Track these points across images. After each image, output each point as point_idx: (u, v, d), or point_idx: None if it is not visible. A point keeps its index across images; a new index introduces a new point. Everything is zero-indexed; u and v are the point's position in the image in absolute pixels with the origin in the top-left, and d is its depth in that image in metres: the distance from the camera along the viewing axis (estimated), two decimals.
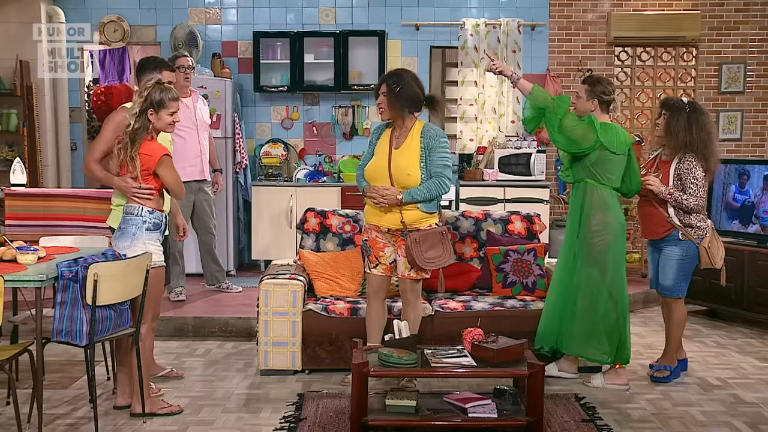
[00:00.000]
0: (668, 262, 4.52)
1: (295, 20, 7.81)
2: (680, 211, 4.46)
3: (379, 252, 4.25)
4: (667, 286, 4.54)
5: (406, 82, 4.11)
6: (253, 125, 7.92)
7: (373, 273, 4.30)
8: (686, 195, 4.41)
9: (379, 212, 4.15)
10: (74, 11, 7.75)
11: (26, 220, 5.60)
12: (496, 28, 7.61)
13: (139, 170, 3.78)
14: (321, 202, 6.42)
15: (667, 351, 4.63)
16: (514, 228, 5.27)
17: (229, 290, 6.44)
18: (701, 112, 4.50)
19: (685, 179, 4.43)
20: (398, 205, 4.06)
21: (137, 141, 3.79)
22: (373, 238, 4.26)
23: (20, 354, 3.65)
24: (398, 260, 4.22)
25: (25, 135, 7.35)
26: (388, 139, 4.20)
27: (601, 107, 4.37)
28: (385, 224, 4.16)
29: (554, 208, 7.77)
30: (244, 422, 3.90)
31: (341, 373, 4.55)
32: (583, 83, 4.45)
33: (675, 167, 4.47)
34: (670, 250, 4.51)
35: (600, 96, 4.35)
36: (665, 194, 4.43)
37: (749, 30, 7.71)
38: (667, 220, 4.48)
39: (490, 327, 4.24)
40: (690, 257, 4.49)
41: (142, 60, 4.43)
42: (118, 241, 3.83)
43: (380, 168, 4.15)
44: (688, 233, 4.44)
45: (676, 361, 4.63)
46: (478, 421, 3.66)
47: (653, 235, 4.60)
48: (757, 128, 7.81)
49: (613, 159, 4.31)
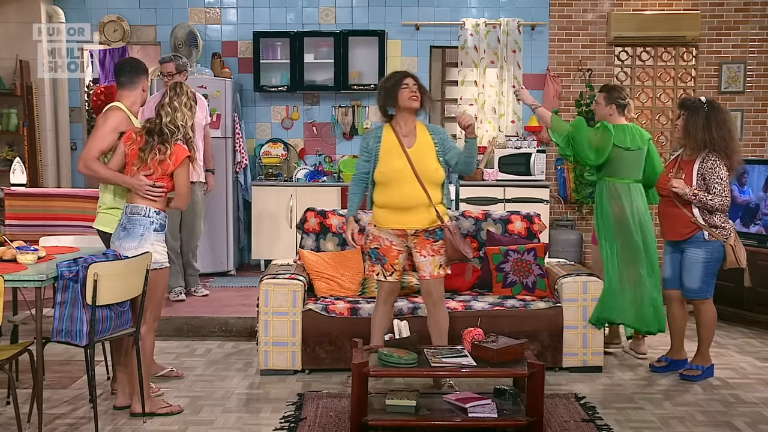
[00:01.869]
0: (694, 264, 4.52)
1: (295, 20, 7.81)
2: (705, 212, 4.46)
3: (394, 260, 4.19)
4: (695, 288, 4.55)
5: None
6: (253, 125, 7.92)
7: (388, 281, 4.23)
8: (711, 195, 4.41)
9: (406, 214, 4.07)
10: (74, 11, 7.75)
11: (26, 220, 5.61)
12: (496, 28, 7.61)
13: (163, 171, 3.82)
14: (321, 202, 6.42)
15: (700, 351, 4.64)
16: (514, 228, 5.27)
17: (195, 293, 6.28)
18: (720, 110, 4.51)
19: (709, 179, 4.43)
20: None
21: (173, 144, 3.84)
22: (387, 246, 4.16)
23: (20, 354, 3.65)
24: (423, 261, 4.15)
25: (25, 135, 7.35)
26: (395, 141, 4.11)
27: (618, 111, 4.74)
28: (414, 225, 4.09)
29: (554, 208, 7.77)
30: (244, 422, 3.90)
31: (341, 373, 4.55)
32: (600, 92, 4.85)
33: (698, 167, 4.47)
34: (694, 252, 4.51)
35: (617, 101, 4.74)
36: (690, 195, 4.42)
37: (749, 30, 7.71)
38: (691, 221, 4.47)
39: (490, 327, 4.26)
40: (715, 258, 4.50)
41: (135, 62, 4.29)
42: (124, 241, 3.81)
43: (402, 168, 4.05)
44: (714, 233, 4.44)
45: (709, 361, 4.65)
46: (478, 421, 3.65)
47: (677, 236, 4.58)
48: (757, 128, 7.81)
49: (629, 155, 4.65)
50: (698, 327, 4.66)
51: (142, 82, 4.14)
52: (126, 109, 4.06)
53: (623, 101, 4.74)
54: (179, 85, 4.00)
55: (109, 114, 4.03)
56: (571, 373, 4.68)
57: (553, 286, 4.87)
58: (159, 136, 3.84)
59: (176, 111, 3.89)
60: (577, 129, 4.72)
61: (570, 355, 4.70)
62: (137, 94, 4.13)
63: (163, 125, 3.86)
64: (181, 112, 3.91)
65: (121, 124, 3.98)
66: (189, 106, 3.96)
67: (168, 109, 3.89)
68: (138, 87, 4.13)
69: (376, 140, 4.17)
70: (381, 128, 4.21)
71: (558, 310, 4.71)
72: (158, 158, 3.82)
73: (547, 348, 4.67)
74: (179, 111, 3.90)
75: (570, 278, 4.74)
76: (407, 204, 4.07)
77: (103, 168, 3.94)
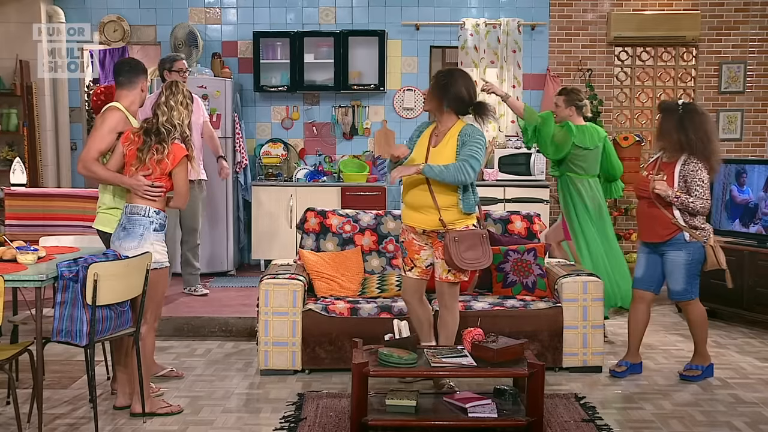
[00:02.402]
0: (676, 267, 4.50)
1: (295, 20, 7.82)
2: (685, 213, 4.46)
3: (415, 255, 4.19)
4: (679, 290, 4.54)
5: (455, 80, 4.08)
6: (253, 125, 7.92)
7: (408, 276, 4.24)
8: (692, 198, 4.40)
9: (416, 213, 4.10)
10: (74, 11, 7.75)
11: (26, 220, 5.61)
12: (496, 28, 7.61)
13: (162, 170, 3.81)
14: (321, 202, 6.43)
15: (698, 351, 4.63)
16: (514, 228, 5.28)
17: (195, 293, 6.29)
18: (697, 113, 4.48)
19: (691, 181, 4.42)
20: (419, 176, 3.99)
21: (170, 142, 3.83)
22: (409, 240, 4.20)
23: (20, 354, 3.65)
24: (436, 263, 4.16)
25: (25, 135, 7.35)
26: (428, 137, 4.16)
27: (577, 112, 5.35)
28: (421, 225, 4.10)
29: (554, 208, 7.76)
30: (244, 422, 3.90)
31: (341, 373, 4.55)
32: (559, 95, 5.41)
33: (680, 169, 4.46)
34: (676, 255, 4.49)
35: (575, 103, 5.33)
36: (672, 198, 4.42)
37: (749, 30, 7.71)
38: (672, 222, 4.46)
39: (490, 327, 4.25)
40: (696, 259, 4.49)
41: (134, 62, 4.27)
42: (123, 241, 3.81)
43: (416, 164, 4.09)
44: (694, 234, 4.44)
45: (708, 360, 4.64)
46: (478, 421, 3.65)
47: (656, 237, 4.55)
48: (757, 128, 7.81)
49: (589, 154, 5.30)
50: (691, 328, 4.66)
51: (140, 82, 4.13)
52: (124, 109, 4.06)
53: (581, 103, 5.35)
54: (175, 84, 3.99)
55: (107, 114, 4.02)
56: (571, 373, 4.68)
57: (553, 286, 4.87)
58: (156, 136, 3.83)
59: (172, 110, 3.89)
60: (545, 122, 5.27)
61: (570, 355, 4.70)
62: (136, 94, 4.12)
63: (160, 124, 3.85)
64: (178, 111, 3.90)
65: (119, 124, 3.98)
66: (185, 105, 3.95)
67: (164, 108, 3.89)
68: (137, 87, 4.12)
69: (417, 134, 4.26)
70: (428, 124, 4.28)
71: (558, 310, 4.71)
72: (156, 158, 3.82)
73: (547, 348, 4.67)
74: (175, 110, 3.90)
75: (570, 278, 4.74)
76: (415, 203, 4.09)
77: (102, 169, 3.93)
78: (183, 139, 3.92)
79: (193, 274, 6.34)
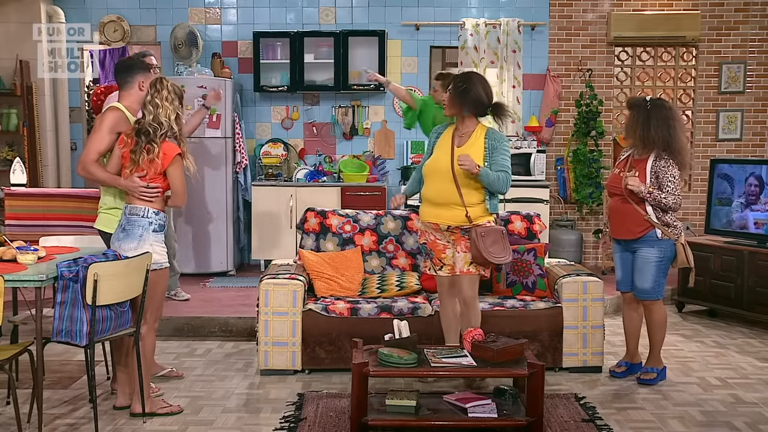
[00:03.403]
0: (646, 264, 4.47)
1: (295, 20, 7.81)
2: (658, 210, 4.45)
3: (441, 254, 4.26)
4: (647, 288, 4.50)
5: (473, 83, 4.16)
6: (253, 125, 7.92)
7: (440, 275, 4.32)
8: (664, 193, 4.39)
9: (440, 209, 4.17)
10: (74, 11, 7.75)
11: (26, 220, 5.60)
12: (496, 28, 7.61)
13: (155, 170, 3.79)
14: (321, 202, 6.43)
15: (652, 353, 4.60)
16: (514, 228, 5.27)
17: (176, 297, 6.17)
18: (664, 108, 4.46)
19: (662, 177, 4.41)
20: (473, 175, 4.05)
21: (161, 142, 3.81)
22: (432, 241, 4.27)
23: (20, 354, 3.65)
24: (457, 256, 4.21)
25: (25, 135, 7.35)
26: (450, 138, 4.23)
27: None
28: (446, 221, 4.16)
29: (554, 208, 7.77)
30: (244, 422, 3.90)
31: (341, 373, 4.55)
32: (436, 80, 5.75)
33: (651, 165, 4.44)
34: (647, 252, 4.46)
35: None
36: (645, 193, 4.41)
37: (749, 30, 7.71)
38: (644, 219, 4.44)
39: (490, 327, 4.26)
40: (667, 257, 4.47)
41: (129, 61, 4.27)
42: (123, 242, 3.81)
43: (442, 163, 4.16)
44: (666, 231, 4.43)
45: (662, 362, 4.61)
46: (478, 421, 3.66)
47: (629, 234, 4.51)
48: (757, 128, 7.81)
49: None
50: (649, 329, 4.59)
51: (137, 80, 4.07)
52: (124, 109, 4.05)
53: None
54: (159, 81, 3.92)
55: (106, 115, 4.02)
56: (571, 373, 4.69)
57: (553, 286, 4.87)
58: (146, 136, 3.80)
59: (158, 108, 3.84)
60: (426, 105, 5.92)
61: (570, 355, 4.70)
62: (134, 93, 4.08)
63: (147, 124, 3.82)
64: (163, 108, 3.84)
65: (118, 124, 3.96)
66: (170, 100, 3.88)
67: (150, 107, 3.84)
68: (134, 86, 4.07)
69: (436, 136, 4.34)
70: (446, 126, 4.34)
71: (558, 310, 4.71)
72: (148, 158, 3.79)
73: (547, 348, 4.67)
74: (161, 107, 3.84)
75: (570, 278, 4.74)
76: (440, 199, 4.16)
77: (100, 171, 3.93)
78: (175, 136, 3.89)
79: (172, 277, 6.24)
